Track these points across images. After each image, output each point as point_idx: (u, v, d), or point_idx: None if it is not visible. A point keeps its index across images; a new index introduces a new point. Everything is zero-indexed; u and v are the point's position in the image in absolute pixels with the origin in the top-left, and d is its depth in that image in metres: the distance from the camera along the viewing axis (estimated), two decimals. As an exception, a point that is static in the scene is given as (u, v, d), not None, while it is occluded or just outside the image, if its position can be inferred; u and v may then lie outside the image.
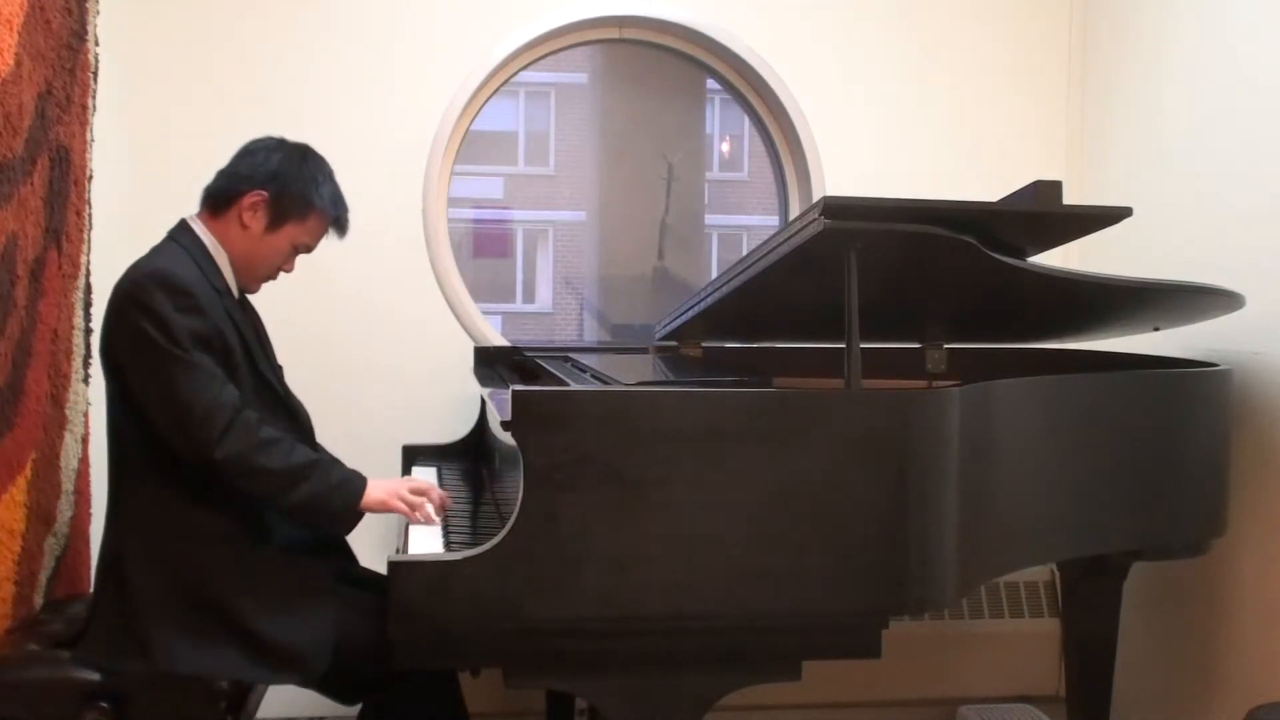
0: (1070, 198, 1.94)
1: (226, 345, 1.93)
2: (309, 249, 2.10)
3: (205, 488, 1.89)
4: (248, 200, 2.00)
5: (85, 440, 2.47)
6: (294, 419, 2.11)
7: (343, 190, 2.11)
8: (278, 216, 2.02)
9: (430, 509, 1.98)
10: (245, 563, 1.90)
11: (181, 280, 1.88)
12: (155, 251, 1.99)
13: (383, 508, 1.95)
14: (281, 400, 2.09)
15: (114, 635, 1.87)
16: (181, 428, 1.83)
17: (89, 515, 2.49)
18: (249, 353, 2.01)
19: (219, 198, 2.03)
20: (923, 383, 2.44)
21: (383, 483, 1.97)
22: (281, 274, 2.11)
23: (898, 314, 2.26)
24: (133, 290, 1.87)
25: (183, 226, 2.04)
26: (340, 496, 1.90)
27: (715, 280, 2.24)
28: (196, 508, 1.89)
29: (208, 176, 2.89)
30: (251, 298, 2.15)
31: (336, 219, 2.09)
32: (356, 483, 1.92)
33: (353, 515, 1.92)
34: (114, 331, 1.91)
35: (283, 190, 2.01)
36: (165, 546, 1.88)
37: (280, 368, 2.18)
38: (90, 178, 2.49)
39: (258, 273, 2.07)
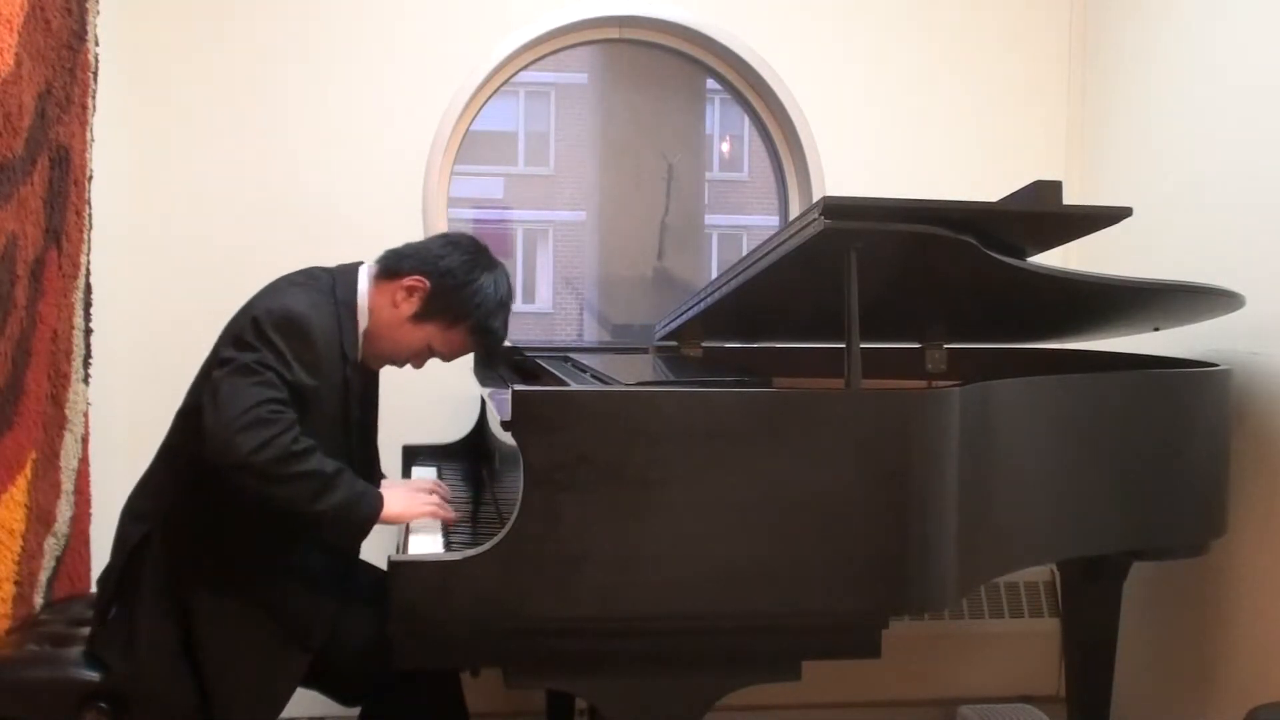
0: (1070, 198, 1.94)
1: (321, 405, 1.87)
2: (444, 358, 2.06)
3: (243, 529, 1.86)
4: (408, 280, 1.96)
5: (85, 440, 2.47)
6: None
7: (342, 186, 2.07)
8: (427, 311, 1.97)
9: (441, 514, 1.97)
10: (241, 604, 1.87)
11: (311, 332, 1.83)
12: (307, 290, 1.92)
13: (400, 519, 1.90)
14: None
15: (117, 632, 1.88)
16: (227, 430, 1.73)
17: (89, 515, 2.49)
18: (346, 424, 1.96)
19: (391, 266, 1.99)
20: (923, 383, 2.44)
21: (395, 492, 1.92)
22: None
23: (898, 314, 2.26)
24: (260, 319, 1.81)
25: (350, 275, 1.98)
26: (363, 506, 1.83)
27: (715, 280, 2.24)
28: (225, 518, 1.86)
29: (207, 176, 2.93)
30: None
31: (483, 345, 2.05)
32: (374, 493, 1.87)
33: (371, 526, 1.85)
34: (226, 338, 1.86)
35: (443, 288, 1.97)
36: (178, 565, 1.87)
37: (375, 445, 2.15)
38: (90, 178, 2.49)
39: (383, 351, 2.02)
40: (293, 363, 1.80)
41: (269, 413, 1.76)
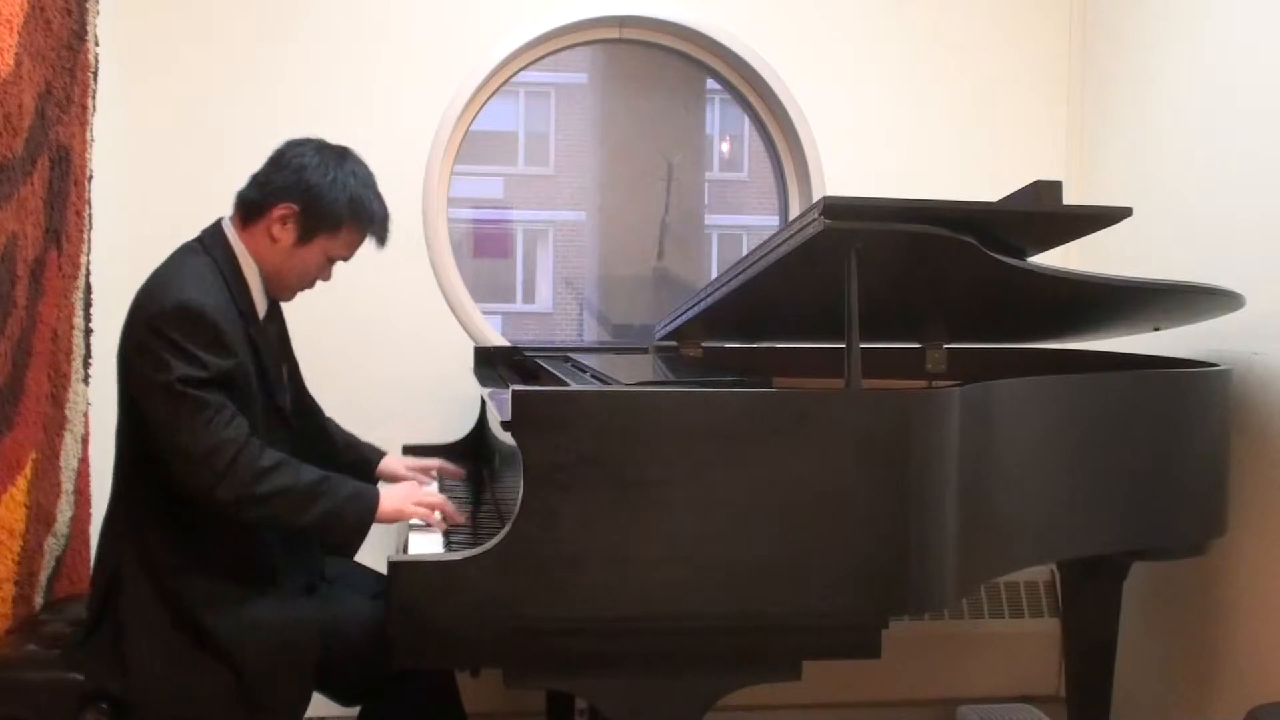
0: (1070, 198, 1.94)
1: (245, 376, 1.89)
2: (345, 258, 2.04)
3: (207, 520, 1.86)
4: (277, 213, 1.94)
5: (85, 440, 2.47)
6: (301, 442, 2.09)
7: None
8: (308, 230, 1.96)
9: (447, 515, 1.98)
10: (238, 602, 1.87)
11: (208, 315, 1.82)
12: (185, 265, 1.92)
13: (398, 516, 1.92)
14: (291, 427, 2.06)
15: (102, 651, 1.87)
16: (187, 467, 1.78)
17: (89, 515, 2.49)
18: (265, 379, 1.97)
19: (250, 208, 1.97)
20: (923, 383, 2.44)
21: (393, 491, 1.95)
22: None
23: (898, 314, 2.26)
24: (156, 322, 1.80)
25: (217, 233, 1.98)
26: (354, 508, 1.85)
27: (715, 280, 2.24)
28: (196, 539, 1.88)
29: (207, 176, 2.92)
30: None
31: (374, 231, 2.02)
32: (369, 494, 1.89)
33: (366, 528, 1.86)
34: (133, 350, 1.85)
35: (313, 203, 1.94)
36: (161, 567, 1.87)
37: (299, 378, 2.15)
38: (90, 178, 2.49)
39: (289, 284, 2.02)
40: (204, 356, 1.80)
41: (222, 430, 1.78)
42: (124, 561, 1.89)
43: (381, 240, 2.05)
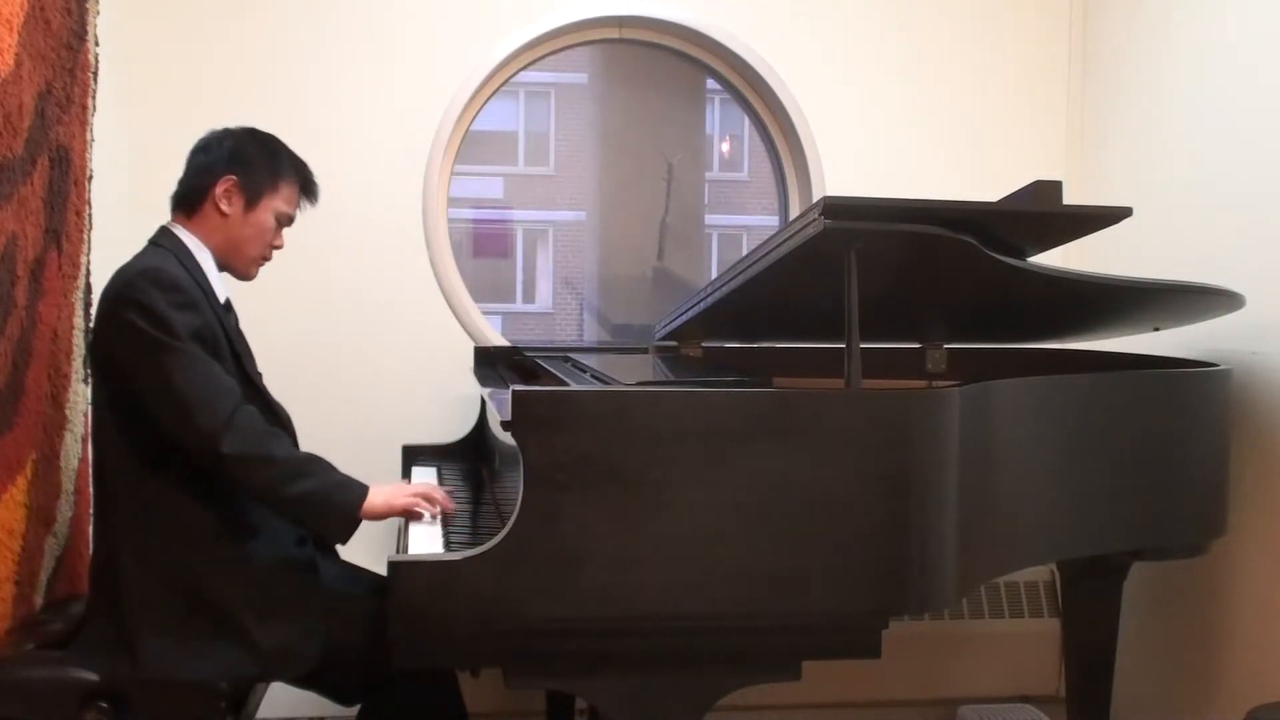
0: (1070, 198, 1.94)
1: (217, 344, 1.94)
2: (290, 219, 2.11)
3: (192, 487, 1.89)
4: (219, 188, 2.02)
5: (85, 440, 2.47)
6: (278, 422, 2.10)
7: (341, 186, 2.12)
8: (253, 194, 2.04)
9: (438, 502, 1.98)
10: (235, 559, 1.90)
11: (173, 276, 1.89)
12: (141, 254, 1.99)
13: (389, 511, 1.93)
14: (266, 403, 2.09)
15: (105, 639, 1.88)
16: (184, 419, 1.82)
17: (89, 515, 2.48)
18: (236, 354, 2.01)
19: (190, 197, 2.05)
20: (923, 383, 2.44)
21: (384, 488, 1.95)
22: (284, 275, 2.10)
23: (898, 314, 2.26)
24: (124, 289, 1.87)
25: (164, 231, 2.04)
26: (343, 495, 1.87)
27: (715, 280, 2.24)
28: (184, 507, 1.89)
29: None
30: (249, 297, 2.15)
31: (304, 182, 2.11)
32: (359, 486, 1.90)
33: (352, 518, 1.88)
34: (106, 331, 1.91)
35: (248, 168, 2.03)
36: (154, 547, 1.88)
37: (260, 374, 2.18)
38: (90, 178, 2.49)
39: (250, 254, 2.07)
40: (174, 315, 1.85)
41: (217, 380, 1.85)
42: (117, 549, 1.90)
43: (312, 195, 2.15)
